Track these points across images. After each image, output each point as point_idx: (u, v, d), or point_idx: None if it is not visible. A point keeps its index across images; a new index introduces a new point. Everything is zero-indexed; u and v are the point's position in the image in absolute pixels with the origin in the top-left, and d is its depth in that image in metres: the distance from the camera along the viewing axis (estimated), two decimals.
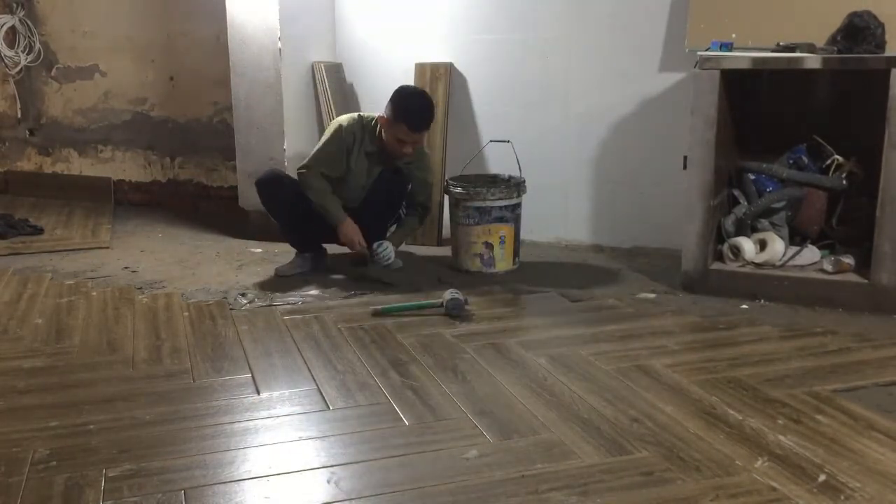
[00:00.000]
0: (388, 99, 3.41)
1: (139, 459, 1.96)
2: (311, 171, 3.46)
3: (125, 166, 5.26)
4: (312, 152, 3.53)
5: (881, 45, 2.95)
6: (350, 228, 3.45)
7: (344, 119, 3.52)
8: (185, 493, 1.81)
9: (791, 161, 3.35)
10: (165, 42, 4.93)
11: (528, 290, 3.37)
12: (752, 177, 3.35)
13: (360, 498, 1.80)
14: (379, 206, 3.54)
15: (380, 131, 3.46)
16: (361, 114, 3.55)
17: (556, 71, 3.97)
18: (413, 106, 3.37)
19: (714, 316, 3.01)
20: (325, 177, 3.46)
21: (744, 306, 3.11)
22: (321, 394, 2.35)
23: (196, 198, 5.02)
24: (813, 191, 3.29)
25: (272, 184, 3.56)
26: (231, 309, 3.11)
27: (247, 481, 1.88)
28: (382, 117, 3.42)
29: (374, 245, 3.49)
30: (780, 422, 2.14)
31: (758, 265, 3.23)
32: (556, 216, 4.09)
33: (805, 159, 3.34)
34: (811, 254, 3.25)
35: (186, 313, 3.08)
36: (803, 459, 1.94)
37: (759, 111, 3.58)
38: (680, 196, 3.34)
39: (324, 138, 3.54)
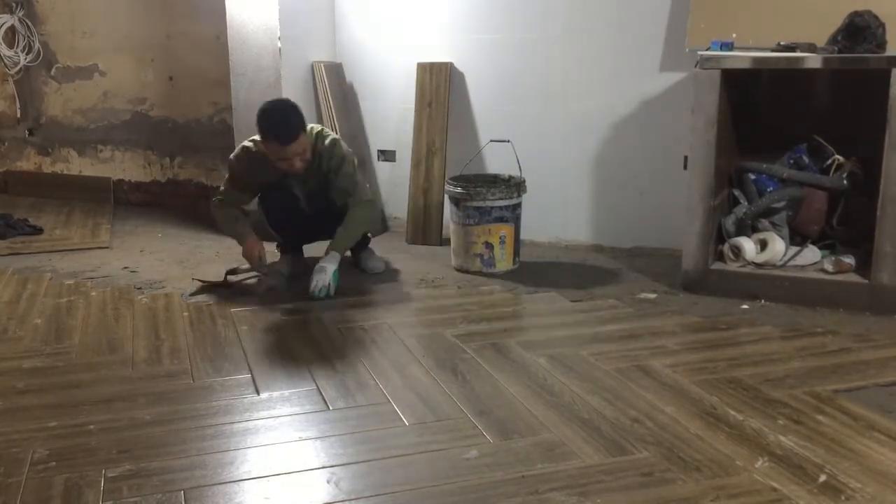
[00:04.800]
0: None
1: (139, 459, 1.96)
2: (223, 202, 3.45)
3: (125, 166, 5.26)
4: (221, 186, 3.52)
5: (882, 45, 2.95)
6: (252, 245, 3.36)
7: (233, 155, 3.40)
8: (184, 494, 1.81)
9: (791, 161, 3.35)
10: (165, 42, 4.93)
11: (528, 290, 3.36)
12: (752, 177, 3.35)
13: (360, 498, 1.80)
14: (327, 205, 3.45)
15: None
16: (245, 143, 3.38)
17: (557, 71, 3.96)
18: (272, 122, 3.18)
19: (714, 316, 3.00)
20: (244, 195, 3.47)
21: (744, 306, 3.11)
22: (321, 394, 2.35)
23: (196, 198, 5.02)
24: (813, 191, 3.28)
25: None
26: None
27: (247, 481, 1.87)
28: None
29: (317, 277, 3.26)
30: (780, 422, 2.14)
31: (758, 265, 3.23)
32: (556, 216, 4.09)
33: (805, 159, 3.34)
34: (812, 254, 3.25)
35: (186, 313, 3.07)
36: (804, 460, 1.94)
37: (759, 111, 3.58)
38: (680, 196, 3.34)
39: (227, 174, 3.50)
